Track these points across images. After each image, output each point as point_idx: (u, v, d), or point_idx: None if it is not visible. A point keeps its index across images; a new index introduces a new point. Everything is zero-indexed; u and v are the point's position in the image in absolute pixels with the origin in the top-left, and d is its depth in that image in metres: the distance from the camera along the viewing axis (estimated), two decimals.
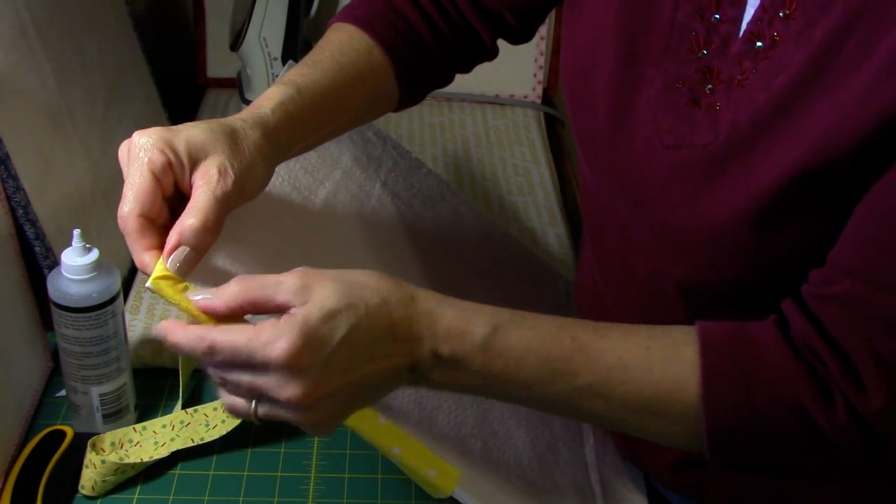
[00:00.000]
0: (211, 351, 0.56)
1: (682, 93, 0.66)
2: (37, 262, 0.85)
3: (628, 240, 0.72)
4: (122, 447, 0.79)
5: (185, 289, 0.59)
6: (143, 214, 0.60)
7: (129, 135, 0.63)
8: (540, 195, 1.18)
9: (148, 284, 0.59)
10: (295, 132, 0.69)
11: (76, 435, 0.79)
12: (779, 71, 0.60)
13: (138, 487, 0.78)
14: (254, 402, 0.57)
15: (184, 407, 0.83)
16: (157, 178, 0.60)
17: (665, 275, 0.69)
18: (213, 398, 0.84)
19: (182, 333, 0.57)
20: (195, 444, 0.80)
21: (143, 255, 0.60)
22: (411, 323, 0.59)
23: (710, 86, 0.64)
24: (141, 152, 0.60)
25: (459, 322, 0.60)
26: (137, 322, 0.92)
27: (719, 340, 0.60)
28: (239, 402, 0.58)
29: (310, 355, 0.55)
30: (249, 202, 0.65)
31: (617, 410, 0.62)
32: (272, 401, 0.57)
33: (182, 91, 1.29)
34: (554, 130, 1.39)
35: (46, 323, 0.81)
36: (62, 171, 0.90)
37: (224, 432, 0.80)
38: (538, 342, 0.61)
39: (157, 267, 0.60)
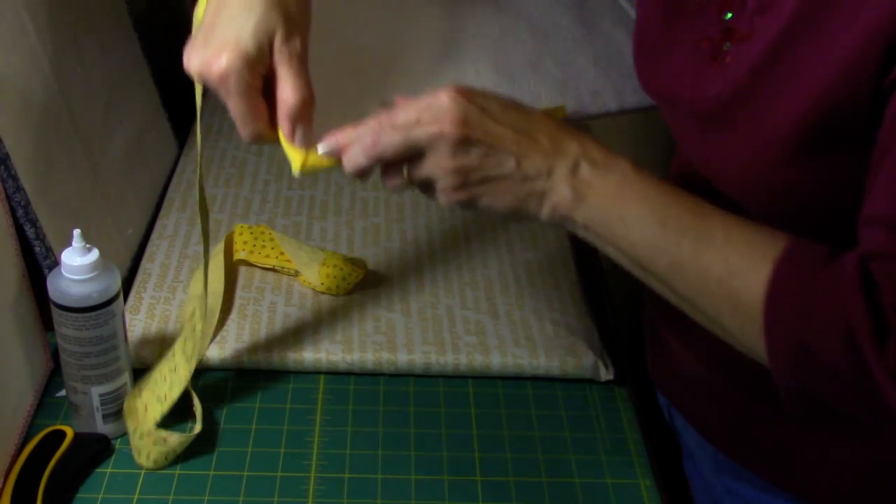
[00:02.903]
0: (388, 112, 0.65)
1: (705, 52, 0.68)
2: (37, 262, 0.85)
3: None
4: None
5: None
6: (262, 125, 0.68)
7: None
8: None
9: (296, 174, 0.68)
10: None
11: (76, 435, 0.79)
12: (775, 21, 0.61)
13: (138, 487, 0.78)
14: (405, 169, 0.66)
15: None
16: (258, 94, 0.67)
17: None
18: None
19: (358, 127, 0.66)
20: (188, 382, 0.81)
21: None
22: (560, 124, 0.67)
23: (728, 43, 0.66)
24: (232, 83, 0.66)
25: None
26: (137, 322, 0.92)
27: (802, 254, 0.61)
28: (395, 173, 0.66)
29: (469, 92, 0.65)
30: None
31: (695, 279, 0.63)
32: (432, 141, 0.64)
33: (182, 91, 1.29)
34: None
35: (46, 323, 0.81)
36: (62, 171, 0.90)
37: (199, 357, 0.82)
38: (669, 187, 0.65)
39: (293, 158, 0.67)
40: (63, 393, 0.83)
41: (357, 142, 0.66)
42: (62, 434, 0.79)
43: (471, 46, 0.80)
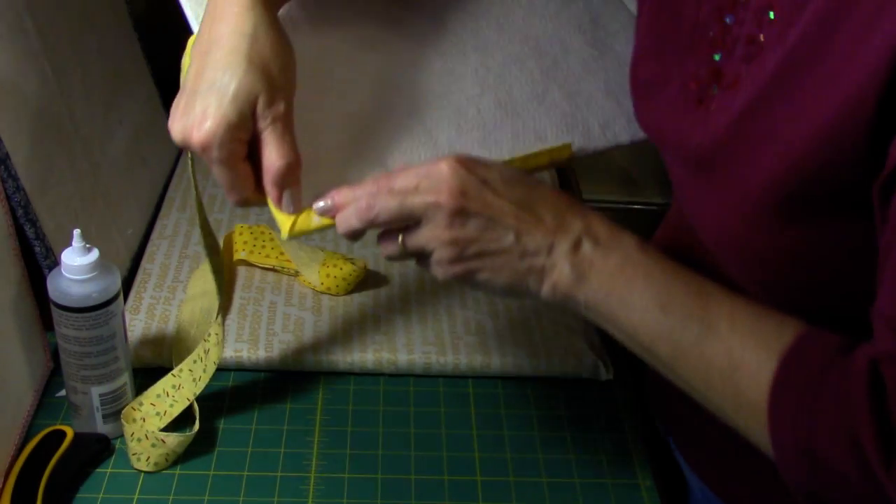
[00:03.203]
0: (387, 177, 0.64)
1: (692, 93, 0.65)
2: (37, 262, 0.85)
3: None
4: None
5: (309, 214, 0.66)
6: (248, 191, 0.67)
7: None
8: None
9: (284, 237, 0.67)
10: None
11: (76, 435, 0.79)
12: (759, 75, 0.58)
13: (138, 487, 0.78)
14: (400, 237, 0.64)
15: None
16: (241, 160, 0.66)
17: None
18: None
19: (354, 188, 0.65)
20: (191, 402, 0.80)
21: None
22: (565, 200, 0.65)
23: (715, 87, 0.64)
24: (215, 152, 0.64)
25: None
26: (137, 322, 0.92)
27: (810, 349, 0.57)
28: (390, 240, 0.65)
29: (471, 163, 0.64)
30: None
31: (701, 367, 0.61)
32: (427, 210, 0.62)
33: None
34: None
35: (46, 323, 0.81)
36: (62, 171, 0.90)
37: (207, 381, 0.80)
38: (675, 267, 0.63)
39: (281, 223, 0.67)
40: (63, 393, 0.83)
41: (352, 203, 0.64)
42: (62, 434, 0.79)
43: (471, 81, 0.76)
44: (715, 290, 0.62)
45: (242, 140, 0.65)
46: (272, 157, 0.65)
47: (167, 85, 1.20)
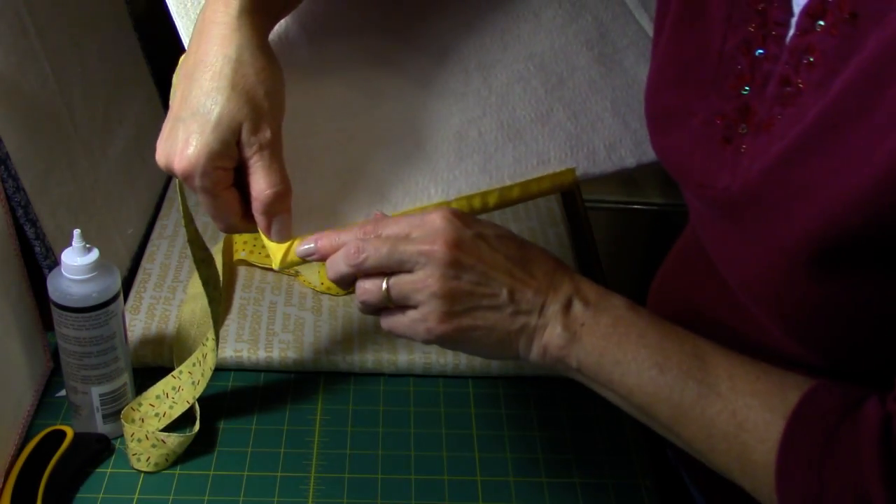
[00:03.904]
0: (375, 223, 0.63)
1: (718, 129, 0.62)
2: (37, 262, 0.85)
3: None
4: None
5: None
6: (234, 219, 0.66)
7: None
8: None
9: (276, 267, 0.66)
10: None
11: (76, 435, 0.79)
12: (797, 121, 0.55)
13: (138, 487, 0.78)
14: (385, 281, 0.62)
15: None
16: (225, 188, 0.64)
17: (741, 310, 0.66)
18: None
19: (340, 232, 0.64)
20: (190, 405, 0.80)
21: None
22: (553, 260, 0.64)
23: (743, 126, 0.61)
24: (197, 181, 0.63)
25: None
26: (137, 322, 0.92)
27: (816, 408, 0.55)
28: (373, 284, 0.62)
29: (465, 216, 0.62)
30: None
31: (703, 430, 0.59)
32: (421, 259, 0.60)
33: None
34: None
35: (46, 323, 0.81)
36: (62, 171, 0.90)
37: (205, 386, 0.80)
38: (668, 327, 0.61)
39: (273, 252, 0.66)
40: (63, 393, 0.83)
41: (341, 248, 0.63)
42: (62, 434, 0.79)
43: (473, 102, 0.74)
44: (710, 349, 0.60)
45: (226, 168, 0.63)
46: (260, 185, 0.63)
47: (167, 85, 1.20)
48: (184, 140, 0.62)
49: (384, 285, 0.62)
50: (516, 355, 0.63)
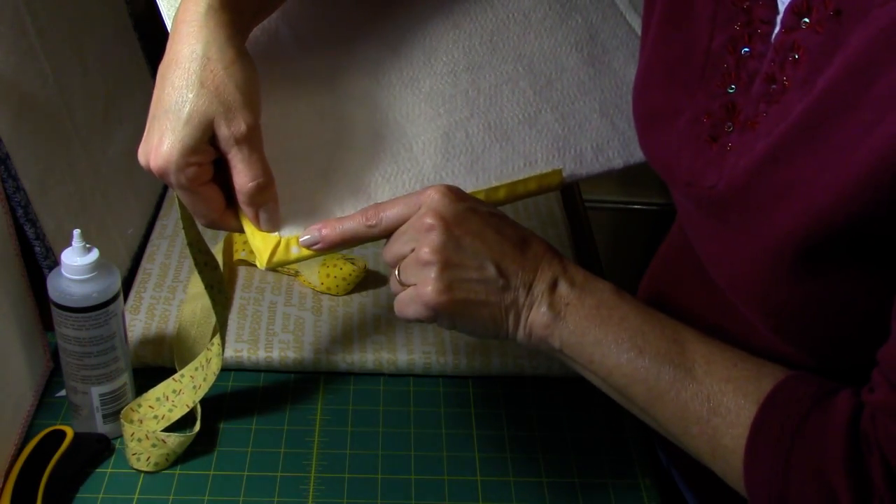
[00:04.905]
0: (374, 207, 0.64)
1: (704, 127, 0.63)
2: (37, 262, 0.85)
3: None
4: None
5: (288, 244, 0.66)
6: (215, 215, 0.66)
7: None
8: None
9: (262, 267, 0.66)
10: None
11: (76, 435, 0.79)
12: (782, 119, 0.56)
13: (138, 487, 0.78)
14: (397, 271, 0.63)
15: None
16: (203, 183, 0.64)
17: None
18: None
19: (342, 220, 0.65)
20: (190, 409, 0.80)
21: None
22: (543, 243, 0.65)
23: (729, 124, 0.62)
24: (172, 177, 0.63)
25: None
26: (137, 322, 0.92)
27: (788, 397, 0.56)
28: (393, 278, 0.64)
29: (460, 192, 0.64)
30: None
31: (678, 412, 0.60)
32: (419, 235, 0.62)
33: None
34: None
35: (46, 323, 0.81)
36: (62, 171, 0.90)
37: (207, 390, 0.80)
38: (650, 313, 0.63)
39: (258, 252, 0.66)
40: (63, 393, 0.83)
41: (346, 236, 0.64)
42: (62, 434, 0.79)
43: (461, 103, 0.74)
44: (691, 336, 0.62)
45: (202, 164, 0.63)
46: (241, 179, 0.64)
47: None
48: (158, 138, 0.63)
49: (396, 272, 0.64)
50: (505, 334, 0.64)
